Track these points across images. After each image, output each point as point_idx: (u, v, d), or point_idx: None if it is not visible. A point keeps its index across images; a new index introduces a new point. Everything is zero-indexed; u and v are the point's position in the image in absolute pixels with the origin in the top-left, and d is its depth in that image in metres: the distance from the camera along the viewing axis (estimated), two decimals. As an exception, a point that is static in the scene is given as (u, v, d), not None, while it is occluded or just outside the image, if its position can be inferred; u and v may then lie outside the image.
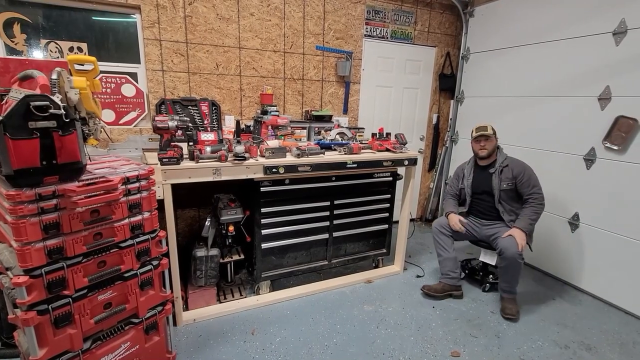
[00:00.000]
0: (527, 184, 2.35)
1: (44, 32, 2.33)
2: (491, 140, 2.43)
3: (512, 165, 2.40)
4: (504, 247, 2.25)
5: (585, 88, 2.58)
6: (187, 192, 2.62)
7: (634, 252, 2.36)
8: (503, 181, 2.40)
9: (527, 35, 2.97)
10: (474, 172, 2.57)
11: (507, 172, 2.39)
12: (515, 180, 2.37)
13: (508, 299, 2.36)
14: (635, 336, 2.18)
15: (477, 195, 2.55)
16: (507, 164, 2.41)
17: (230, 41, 2.74)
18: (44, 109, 1.12)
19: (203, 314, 2.19)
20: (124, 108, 2.56)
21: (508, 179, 2.39)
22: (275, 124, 2.39)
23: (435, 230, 2.60)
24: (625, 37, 2.34)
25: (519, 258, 2.22)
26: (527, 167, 2.41)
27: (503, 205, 2.42)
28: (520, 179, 2.36)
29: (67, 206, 1.25)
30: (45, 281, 1.21)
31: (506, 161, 2.43)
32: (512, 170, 2.38)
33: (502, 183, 2.40)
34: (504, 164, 2.41)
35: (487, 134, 2.41)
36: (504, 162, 2.42)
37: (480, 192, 2.53)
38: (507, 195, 2.41)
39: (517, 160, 2.44)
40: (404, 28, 3.45)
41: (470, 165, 2.60)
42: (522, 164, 2.41)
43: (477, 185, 2.55)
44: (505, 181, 2.39)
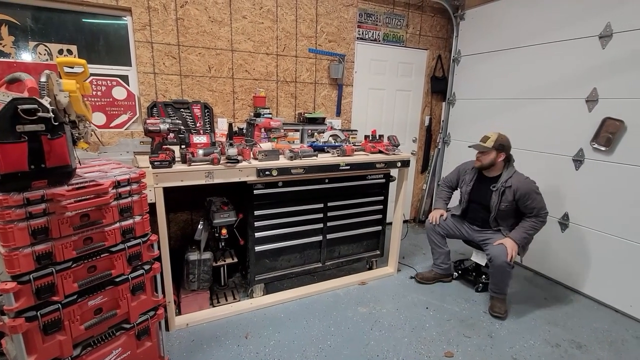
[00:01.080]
0: (530, 206, 2.25)
1: (33, 34, 2.30)
2: (488, 154, 2.31)
3: (515, 187, 2.25)
4: (493, 254, 2.26)
5: (573, 90, 2.63)
6: (180, 196, 2.60)
7: (622, 250, 2.41)
8: (503, 202, 2.30)
9: (517, 38, 3.02)
10: (475, 181, 2.48)
11: (509, 194, 2.27)
12: (516, 202, 2.28)
13: (497, 298, 2.39)
14: (624, 334, 2.22)
15: (474, 205, 2.51)
16: (510, 184, 2.27)
17: (222, 44, 2.74)
18: (32, 112, 1.11)
19: (196, 318, 2.17)
20: (115, 111, 2.54)
21: (508, 201, 2.28)
22: (268, 126, 2.38)
23: (428, 228, 2.69)
24: (611, 40, 2.39)
25: (507, 267, 2.23)
26: (533, 189, 2.25)
27: (499, 221, 2.39)
28: (523, 202, 2.26)
29: (56, 210, 1.23)
30: (34, 287, 1.19)
31: (511, 180, 2.28)
32: (515, 193, 2.25)
33: (502, 204, 2.30)
34: (508, 184, 2.28)
35: (480, 147, 2.31)
36: (508, 182, 2.28)
37: (477, 203, 2.48)
38: (504, 213, 2.35)
39: (524, 180, 2.28)
40: (396, 31, 3.48)
41: (474, 172, 2.50)
42: (527, 187, 2.24)
43: (475, 196, 2.49)
44: (504, 202, 2.30)
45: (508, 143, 2.33)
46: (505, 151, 2.31)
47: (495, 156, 2.31)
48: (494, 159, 2.31)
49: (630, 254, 2.37)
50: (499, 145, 2.29)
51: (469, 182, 2.51)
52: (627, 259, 2.39)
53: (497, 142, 2.29)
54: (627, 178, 2.35)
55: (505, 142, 2.31)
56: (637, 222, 2.32)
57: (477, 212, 2.50)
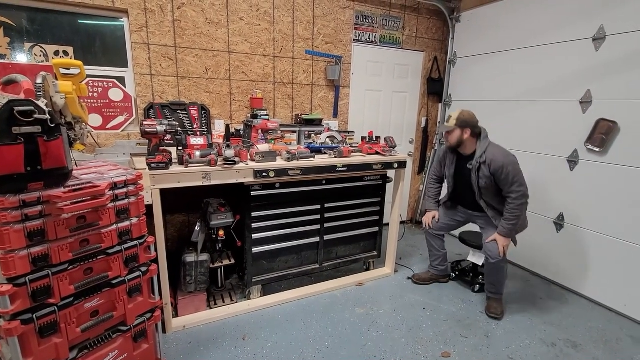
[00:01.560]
0: (505, 181, 2.16)
1: (29, 36, 2.29)
2: (453, 133, 2.27)
3: (489, 161, 2.19)
4: (488, 250, 2.29)
5: (567, 92, 2.66)
6: (177, 197, 2.59)
7: (616, 250, 2.43)
8: (481, 178, 2.24)
9: (512, 40, 3.05)
10: (456, 162, 2.44)
11: (485, 170, 2.21)
12: (493, 177, 2.21)
13: (494, 298, 2.41)
14: (619, 333, 2.24)
15: (460, 187, 2.46)
16: (485, 159, 2.21)
17: (219, 45, 2.74)
18: (28, 114, 1.10)
19: (193, 320, 2.17)
20: (112, 112, 2.53)
21: (486, 176, 2.22)
22: (266, 127, 2.39)
23: (426, 231, 2.71)
24: (604, 42, 2.42)
25: (501, 262, 2.26)
26: (508, 161, 2.17)
27: (485, 201, 2.33)
28: (498, 177, 2.18)
29: (52, 213, 1.22)
30: (30, 289, 1.18)
31: (485, 155, 2.21)
32: (490, 166, 2.19)
33: (480, 180, 2.25)
34: (482, 159, 2.21)
35: (446, 127, 2.29)
36: (482, 157, 2.21)
37: (462, 184, 2.43)
38: (487, 191, 2.28)
39: (498, 152, 2.20)
40: (393, 33, 3.50)
41: (454, 154, 2.44)
42: (502, 159, 2.17)
43: (459, 177, 2.45)
44: (483, 179, 2.24)
45: (472, 118, 2.26)
46: (469, 127, 2.24)
47: (461, 134, 2.26)
48: (460, 137, 2.26)
49: (624, 253, 2.39)
50: (461, 123, 2.24)
51: (450, 165, 2.47)
52: (621, 259, 2.41)
53: (459, 119, 2.25)
54: (621, 179, 2.37)
55: (467, 118, 2.25)
56: (631, 222, 2.35)
57: (465, 194, 2.44)
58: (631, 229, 2.35)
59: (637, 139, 2.29)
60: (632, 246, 2.35)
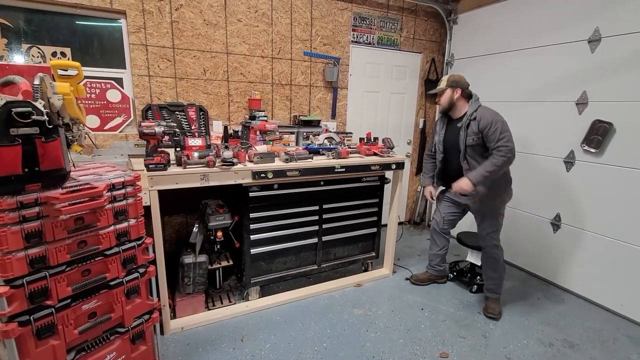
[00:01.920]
0: (493, 136, 2.11)
1: (26, 37, 2.28)
2: (444, 94, 2.28)
3: (479, 118, 2.16)
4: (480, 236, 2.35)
5: (563, 93, 2.68)
6: (175, 199, 2.58)
7: (613, 251, 2.45)
8: (469, 135, 2.19)
9: (509, 42, 3.07)
10: (446, 128, 2.40)
11: (474, 126, 2.16)
12: (481, 134, 2.15)
13: (492, 298, 2.42)
14: (615, 333, 2.26)
15: (449, 153, 2.40)
16: (475, 117, 2.18)
17: (217, 47, 2.75)
18: (26, 115, 1.11)
19: (191, 321, 2.16)
20: (109, 114, 2.53)
21: (474, 132, 2.17)
22: (264, 129, 2.39)
23: (432, 228, 2.70)
24: (599, 44, 2.44)
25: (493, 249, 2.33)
26: (498, 118, 2.14)
27: (469, 161, 2.24)
28: (486, 133, 2.12)
29: (50, 214, 1.22)
30: (27, 291, 1.18)
31: (475, 113, 2.18)
32: (479, 122, 2.14)
33: (468, 138, 2.19)
34: (472, 117, 2.18)
35: (437, 89, 2.31)
36: (473, 115, 2.19)
37: (451, 149, 2.37)
38: (473, 150, 2.21)
39: (489, 111, 2.19)
40: (390, 34, 3.52)
41: (444, 120, 2.44)
42: (491, 116, 2.15)
43: (448, 142, 2.39)
44: (471, 135, 2.18)
45: (462, 79, 2.29)
46: (460, 86, 2.25)
47: (452, 93, 2.26)
48: (451, 97, 2.26)
49: (621, 254, 2.41)
50: (451, 83, 2.26)
51: (440, 130, 2.43)
52: (617, 259, 2.43)
53: (449, 80, 2.28)
54: (617, 179, 2.39)
55: (457, 79, 2.28)
56: (627, 222, 2.37)
57: (453, 160, 2.37)
58: (627, 229, 2.37)
59: (632, 140, 2.31)
60: (628, 246, 2.37)
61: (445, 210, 2.59)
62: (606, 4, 2.39)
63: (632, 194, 2.32)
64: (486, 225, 2.34)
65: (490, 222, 2.33)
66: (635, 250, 2.33)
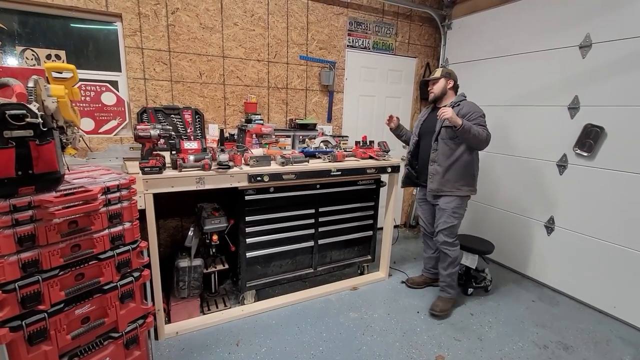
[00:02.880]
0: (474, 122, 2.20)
1: (20, 39, 2.27)
2: (437, 83, 2.38)
3: (461, 106, 2.28)
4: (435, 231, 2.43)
5: (556, 98, 2.72)
6: (170, 202, 2.57)
7: (605, 253, 2.48)
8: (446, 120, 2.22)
9: (502, 47, 3.12)
10: (427, 116, 2.51)
11: (455, 110, 2.23)
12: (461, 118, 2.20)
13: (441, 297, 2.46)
14: (609, 334, 2.28)
15: (423, 136, 2.49)
16: (458, 104, 2.30)
17: (213, 50, 2.75)
18: (20, 117, 1.09)
19: (186, 326, 2.14)
20: (104, 116, 2.51)
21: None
22: (260, 132, 2.39)
23: (422, 232, 2.75)
24: (590, 50, 2.49)
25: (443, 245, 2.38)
26: (479, 111, 2.26)
27: (439, 143, 2.31)
28: (467, 118, 2.21)
29: (43, 217, 1.21)
30: (19, 296, 1.16)
31: (459, 102, 2.32)
32: (462, 109, 2.25)
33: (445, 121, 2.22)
34: (456, 104, 2.31)
35: (432, 78, 2.40)
36: (457, 103, 2.32)
37: (425, 132, 2.47)
38: (447, 133, 2.28)
39: (472, 103, 2.31)
40: (386, 39, 3.55)
41: (428, 109, 2.55)
42: (472, 106, 2.28)
43: (424, 128, 2.48)
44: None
45: (454, 72, 2.42)
46: (452, 78, 2.38)
47: (445, 83, 2.37)
48: (444, 86, 2.37)
49: (613, 256, 2.44)
50: (445, 73, 2.38)
51: (421, 118, 2.54)
52: (610, 261, 2.46)
53: (443, 71, 2.39)
54: (609, 182, 2.43)
55: (450, 71, 2.42)
56: (619, 225, 2.40)
57: (426, 145, 2.45)
58: (620, 231, 2.40)
59: (622, 144, 2.35)
60: (620, 249, 2.40)
61: (423, 213, 2.65)
62: (596, 10, 2.44)
63: (623, 196, 2.36)
64: (441, 221, 2.38)
65: (445, 220, 2.36)
66: (627, 253, 2.36)
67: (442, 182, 2.33)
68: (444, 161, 2.32)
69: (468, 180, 2.35)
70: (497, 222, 3.24)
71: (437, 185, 2.35)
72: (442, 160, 2.33)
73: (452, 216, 2.35)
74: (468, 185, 2.36)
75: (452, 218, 2.35)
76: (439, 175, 2.34)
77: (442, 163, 2.33)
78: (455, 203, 2.34)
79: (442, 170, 2.33)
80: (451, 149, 2.30)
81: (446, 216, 2.35)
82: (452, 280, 2.43)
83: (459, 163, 2.30)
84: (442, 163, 2.33)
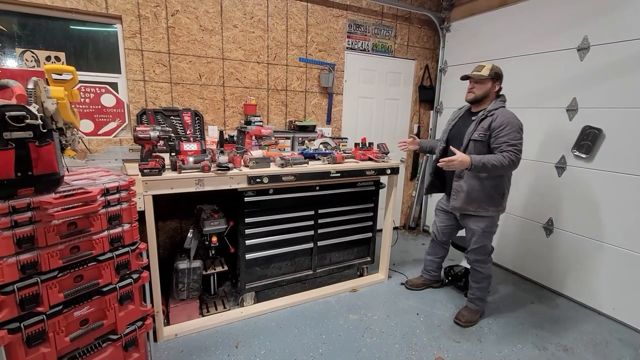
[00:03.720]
0: (502, 139, 1.96)
1: (20, 41, 2.27)
2: (483, 84, 2.07)
3: (496, 115, 2.01)
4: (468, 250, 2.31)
5: (554, 100, 2.73)
6: (169, 204, 2.57)
7: (604, 254, 2.48)
8: (477, 130, 2.05)
9: (500, 50, 3.13)
10: (459, 118, 2.26)
11: (486, 122, 2.02)
12: (490, 132, 2.00)
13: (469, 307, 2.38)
14: (608, 336, 2.28)
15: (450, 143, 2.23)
16: (493, 113, 2.03)
17: (213, 52, 2.76)
18: (20, 119, 1.10)
19: (185, 328, 2.13)
20: (104, 118, 2.51)
21: (483, 128, 2.02)
22: (259, 134, 2.39)
23: (432, 236, 2.68)
24: (588, 52, 2.50)
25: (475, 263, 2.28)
26: (514, 122, 1.98)
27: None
28: (496, 133, 1.97)
29: (42, 219, 1.21)
30: (18, 298, 1.16)
31: (494, 111, 2.04)
32: (494, 120, 1.99)
33: (476, 132, 2.05)
34: (490, 113, 2.04)
35: (477, 75, 2.06)
36: (491, 112, 2.04)
37: (453, 138, 2.23)
38: (475, 147, 2.06)
39: (509, 112, 2.02)
40: (385, 41, 3.56)
41: (462, 111, 2.30)
42: (508, 117, 1.99)
43: (454, 132, 2.25)
44: (479, 130, 2.04)
45: (502, 73, 2.12)
46: (500, 81, 2.10)
47: (491, 86, 2.07)
48: (489, 90, 2.08)
49: (612, 257, 2.44)
50: (494, 74, 2.06)
51: (452, 120, 2.30)
52: (609, 263, 2.46)
53: (492, 70, 2.06)
54: (607, 184, 2.44)
55: (500, 72, 2.10)
56: (618, 226, 2.41)
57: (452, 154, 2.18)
58: (618, 233, 2.40)
59: (621, 146, 2.36)
60: (619, 250, 2.40)
61: (440, 222, 2.54)
62: (594, 13, 2.45)
63: (622, 198, 2.36)
64: (472, 241, 2.26)
65: (476, 240, 2.24)
66: (626, 254, 2.37)
67: (467, 201, 2.14)
68: (471, 179, 2.09)
69: (496, 200, 2.12)
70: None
71: (461, 204, 2.16)
72: (469, 177, 2.09)
73: (483, 237, 2.21)
74: (495, 205, 2.14)
75: (483, 238, 2.21)
76: (464, 194, 2.13)
77: (469, 180, 2.10)
78: (486, 223, 2.17)
79: (468, 188, 2.10)
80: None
81: (477, 237, 2.22)
82: (482, 294, 2.32)
83: (488, 182, 2.07)
84: (468, 180, 2.10)
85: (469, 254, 2.33)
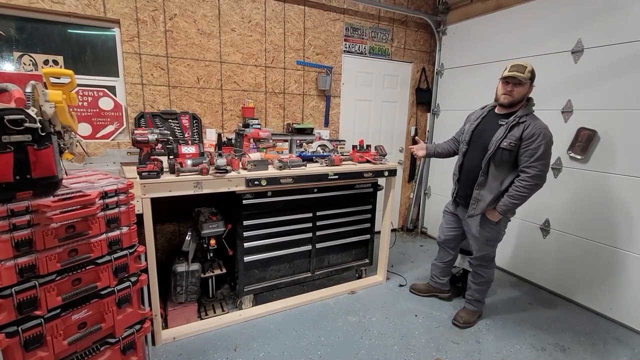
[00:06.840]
0: (530, 152, 1.85)
1: (17, 45, 2.27)
2: (523, 86, 1.90)
3: (529, 123, 1.88)
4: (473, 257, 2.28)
5: (550, 102, 2.75)
6: (167, 207, 2.57)
7: (600, 255, 2.50)
8: (508, 138, 1.90)
9: (496, 52, 3.16)
10: (484, 118, 2.10)
11: (517, 131, 1.89)
12: (520, 142, 1.87)
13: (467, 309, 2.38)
14: (605, 336, 2.29)
15: (472, 146, 2.11)
16: (524, 120, 1.90)
17: (211, 55, 2.77)
18: (18, 122, 1.10)
19: (183, 331, 2.13)
20: (101, 122, 2.51)
21: (514, 137, 1.89)
22: (257, 136, 2.40)
23: (437, 238, 2.59)
24: (582, 55, 2.53)
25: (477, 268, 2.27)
26: (547, 134, 1.85)
27: (490, 166, 1.97)
28: (525, 144, 1.85)
29: (41, 222, 1.21)
30: (16, 301, 1.16)
31: (526, 117, 1.90)
32: (526, 128, 1.86)
33: (505, 140, 1.90)
34: (521, 119, 1.90)
35: (521, 77, 1.86)
36: (523, 118, 1.90)
37: (476, 141, 2.09)
38: (501, 157, 1.93)
39: (541, 122, 1.91)
40: (382, 45, 3.59)
41: (486, 110, 2.14)
42: (541, 128, 1.86)
43: (478, 133, 2.08)
44: (509, 139, 1.90)
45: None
46: (533, 84, 1.96)
47: (529, 90, 1.94)
48: (526, 94, 1.94)
49: (607, 257, 2.46)
50: (533, 77, 1.92)
51: (474, 120, 2.14)
52: (604, 263, 2.48)
53: (532, 73, 1.91)
54: (602, 185, 2.46)
55: (535, 73, 1.93)
56: (614, 227, 2.42)
57: (473, 160, 2.09)
58: (613, 233, 2.42)
59: (615, 147, 2.38)
60: (615, 250, 2.42)
61: (445, 225, 2.48)
62: (588, 16, 2.49)
63: (617, 199, 2.39)
64: (475, 249, 2.25)
65: (479, 248, 2.22)
66: (621, 254, 2.39)
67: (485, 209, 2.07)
68: (494, 188, 1.97)
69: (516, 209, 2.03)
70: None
71: (480, 212, 2.09)
72: (492, 186, 1.97)
73: (486, 245, 2.18)
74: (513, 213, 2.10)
75: (487, 247, 2.19)
76: (485, 203, 2.02)
77: (492, 190, 1.98)
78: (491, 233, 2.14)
79: (491, 199, 1.99)
80: (503, 174, 1.95)
81: (479, 244, 2.19)
82: (480, 296, 2.32)
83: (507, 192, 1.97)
84: (491, 190, 1.98)
85: (473, 259, 2.31)
